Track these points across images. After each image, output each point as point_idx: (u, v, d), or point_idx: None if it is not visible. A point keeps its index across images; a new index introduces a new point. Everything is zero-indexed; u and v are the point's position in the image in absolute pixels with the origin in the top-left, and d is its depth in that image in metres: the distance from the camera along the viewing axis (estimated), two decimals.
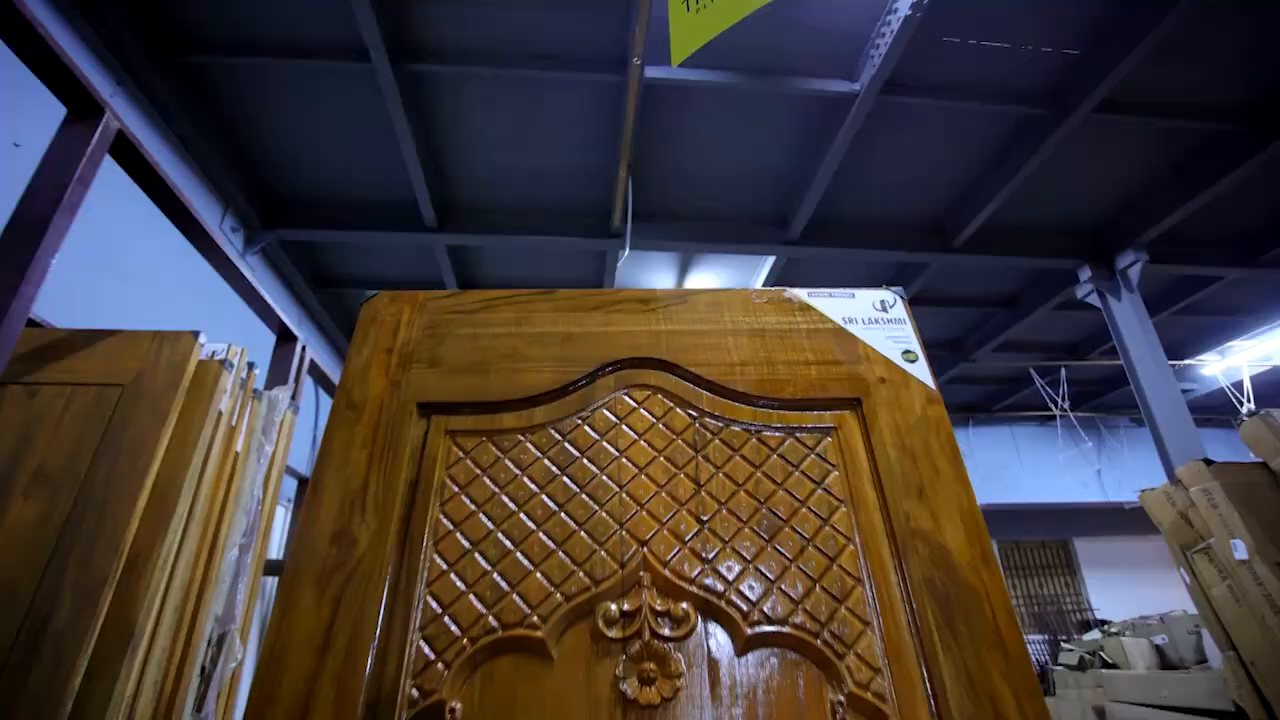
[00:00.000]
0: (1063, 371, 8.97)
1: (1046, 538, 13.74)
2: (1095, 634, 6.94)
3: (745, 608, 0.91)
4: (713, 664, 0.87)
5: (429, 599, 0.90)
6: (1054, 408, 9.32)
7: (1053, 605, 12.95)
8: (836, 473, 1.04)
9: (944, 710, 0.84)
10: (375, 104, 4.06)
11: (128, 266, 3.48)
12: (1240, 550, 3.46)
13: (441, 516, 0.97)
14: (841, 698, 0.85)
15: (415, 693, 0.84)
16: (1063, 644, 7.07)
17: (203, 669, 1.90)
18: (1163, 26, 3.66)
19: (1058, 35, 4.01)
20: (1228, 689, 3.65)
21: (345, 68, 3.85)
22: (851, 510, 1.00)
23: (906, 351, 1.19)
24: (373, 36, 3.48)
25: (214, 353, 2.04)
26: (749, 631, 0.89)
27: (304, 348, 2.66)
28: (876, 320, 1.23)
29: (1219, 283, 6.71)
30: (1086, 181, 5.27)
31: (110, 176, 1.78)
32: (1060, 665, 6.85)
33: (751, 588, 0.93)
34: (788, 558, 0.95)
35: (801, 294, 1.26)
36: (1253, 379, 9.58)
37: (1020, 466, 11.68)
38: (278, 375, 2.58)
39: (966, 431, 11.61)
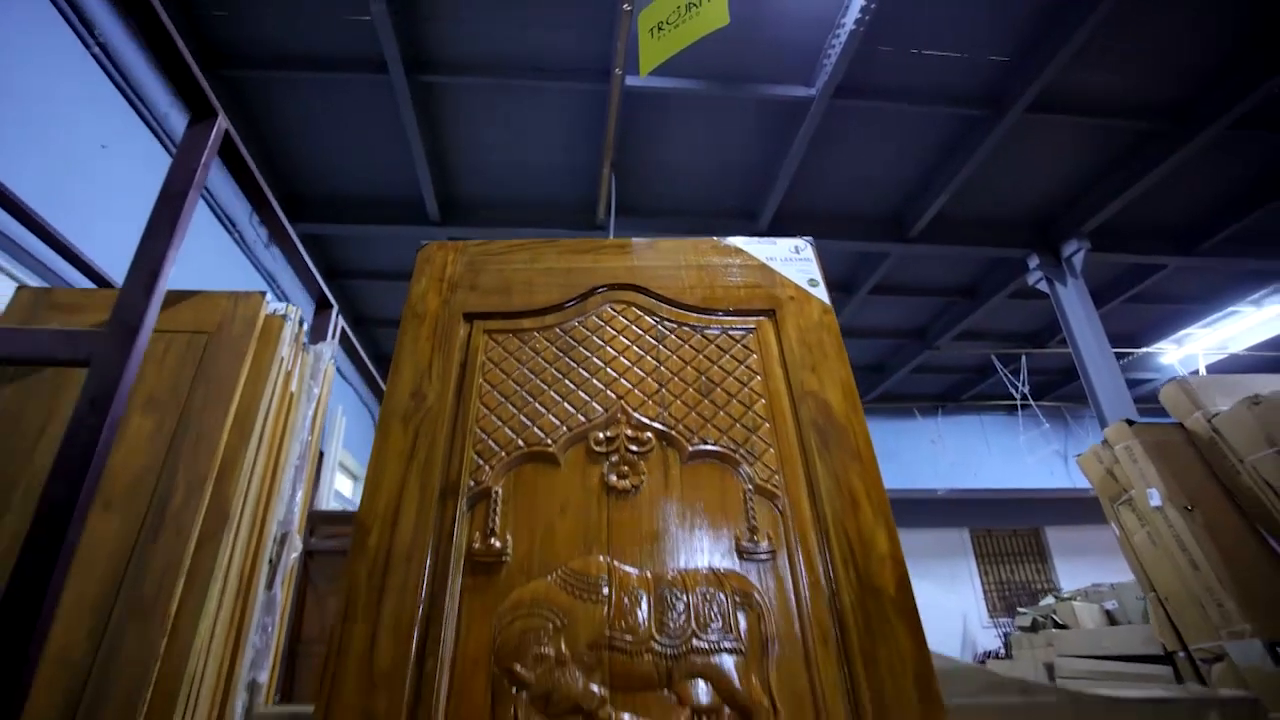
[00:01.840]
0: (1023, 359, 9.45)
1: (1019, 526, 14.21)
2: (1049, 600, 7.41)
3: (688, 435, 1.36)
4: (667, 467, 1.33)
5: (477, 430, 1.36)
6: (1014, 394, 9.79)
7: (1024, 590, 13.43)
8: (755, 356, 1.50)
9: (817, 495, 1.29)
10: (389, 111, 4.53)
11: (191, 243, 3.93)
12: (1155, 498, 3.89)
13: (482, 381, 1.43)
14: (750, 487, 1.30)
15: (472, 483, 1.29)
16: (1018, 610, 7.51)
17: (270, 560, 2.34)
18: (1080, 34, 4.16)
19: (992, 43, 4.51)
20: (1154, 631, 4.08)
21: (364, 79, 4.32)
22: (764, 379, 1.46)
23: (811, 279, 1.65)
24: (391, 51, 3.95)
25: (275, 310, 2.50)
26: (690, 449, 1.34)
27: (338, 313, 3.10)
28: (790, 259, 1.69)
29: (1163, 271, 7.20)
30: (1029, 176, 5.78)
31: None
32: (1016, 629, 7.28)
33: (692, 424, 1.38)
34: (718, 406, 1.41)
35: (736, 241, 1.72)
36: (1208, 367, 10.05)
37: (989, 453, 12.13)
38: (318, 335, 3.02)
39: (936, 420, 12.08)
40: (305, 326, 2.67)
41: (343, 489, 7.80)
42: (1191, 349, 9.65)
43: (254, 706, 2.19)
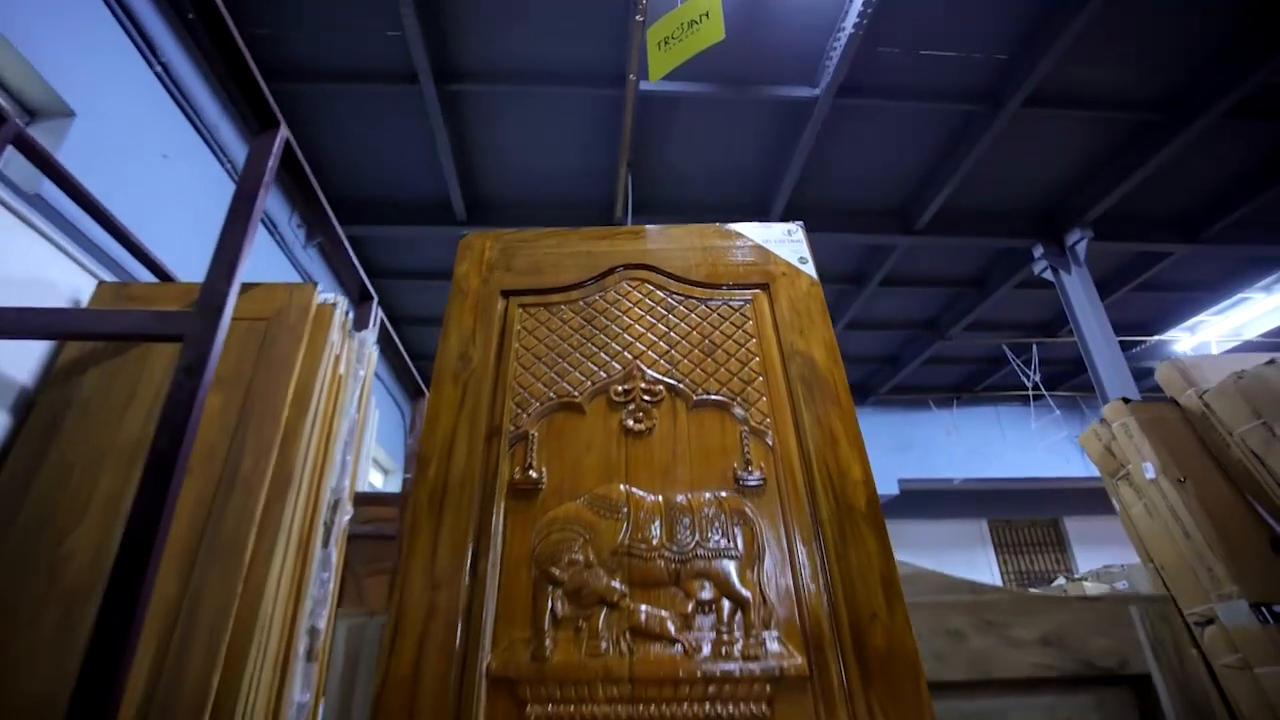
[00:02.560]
0: (1034, 348, 9.56)
1: (1037, 516, 14.28)
2: (1060, 580, 7.56)
3: (693, 387, 1.60)
4: (675, 413, 1.56)
5: (515, 385, 1.60)
6: (1026, 384, 9.89)
7: (1044, 580, 13.48)
8: (751, 322, 1.73)
9: (802, 434, 1.52)
10: (419, 119, 4.81)
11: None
12: (1150, 471, 4.06)
13: (518, 345, 1.67)
14: (746, 429, 1.53)
15: (512, 428, 1.53)
16: (1030, 590, 7.63)
17: (325, 523, 2.60)
18: (1070, 32, 4.34)
19: (986, 42, 4.70)
20: None
21: (396, 89, 4.61)
22: (759, 341, 1.69)
23: (801, 258, 1.87)
24: (422, 63, 4.23)
25: (325, 299, 2.76)
26: (695, 398, 1.58)
27: (377, 304, 3.37)
28: (783, 240, 1.92)
29: (1169, 259, 7.30)
30: (1029, 168, 5.95)
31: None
32: None
33: (696, 378, 1.62)
34: (719, 363, 1.64)
35: (736, 226, 1.96)
36: (1223, 354, 10.08)
37: (1004, 444, 12.22)
38: (360, 325, 3.28)
39: (951, 412, 12.19)
40: (350, 316, 2.93)
41: (374, 483, 8.08)
42: (1204, 336, 9.71)
43: (314, 650, 2.45)
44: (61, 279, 2.43)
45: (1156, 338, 9.62)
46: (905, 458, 11.96)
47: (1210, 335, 9.66)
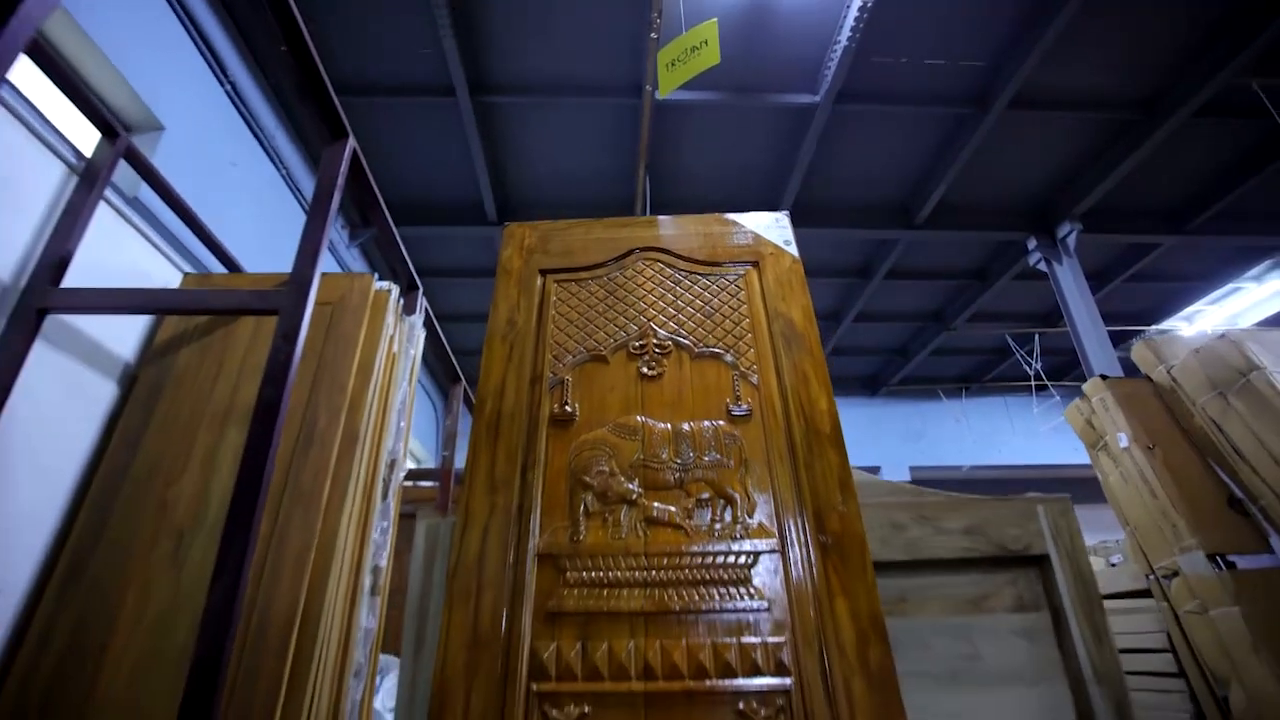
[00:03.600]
0: (1036, 338, 9.81)
1: None
2: None
3: (695, 342, 1.96)
4: (680, 362, 1.92)
5: (553, 342, 1.97)
6: (1030, 373, 10.12)
7: None
8: (743, 292, 2.09)
9: (781, 375, 1.87)
10: (454, 128, 5.21)
11: (289, 239, 4.71)
12: (1123, 440, 4.35)
13: (554, 312, 2.04)
14: (737, 373, 1.89)
15: (551, 375, 1.90)
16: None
17: (384, 479, 2.98)
18: (1047, 39, 4.65)
19: (971, 50, 5.02)
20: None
21: (434, 102, 5.00)
22: (749, 306, 2.05)
23: (785, 240, 2.23)
24: (459, 78, 4.62)
25: (380, 287, 3.14)
26: (696, 350, 1.94)
27: (422, 293, 3.75)
28: (771, 227, 2.27)
29: (1158, 250, 7.54)
30: (1019, 165, 6.25)
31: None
32: None
33: (698, 335, 1.98)
34: (716, 324, 2.00)
35: (733, 215, 2.32)
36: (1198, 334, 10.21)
37: (1012, 432, 12.43)
38: (408, 310, 3.67)
39: (961, 401, 12.42)
40: (400, 303, 3.31)
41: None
42: (1201, 325, 9.85)
43: (376, 585, 2.82)
44: (155, 270, 2.80)
45: (1154, 327, 9.79)
46: (916, 446, 12.21)
47: (1207, 324, 9.81)
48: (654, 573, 1.55)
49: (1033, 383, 10.63)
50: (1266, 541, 3.55)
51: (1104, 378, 4.62)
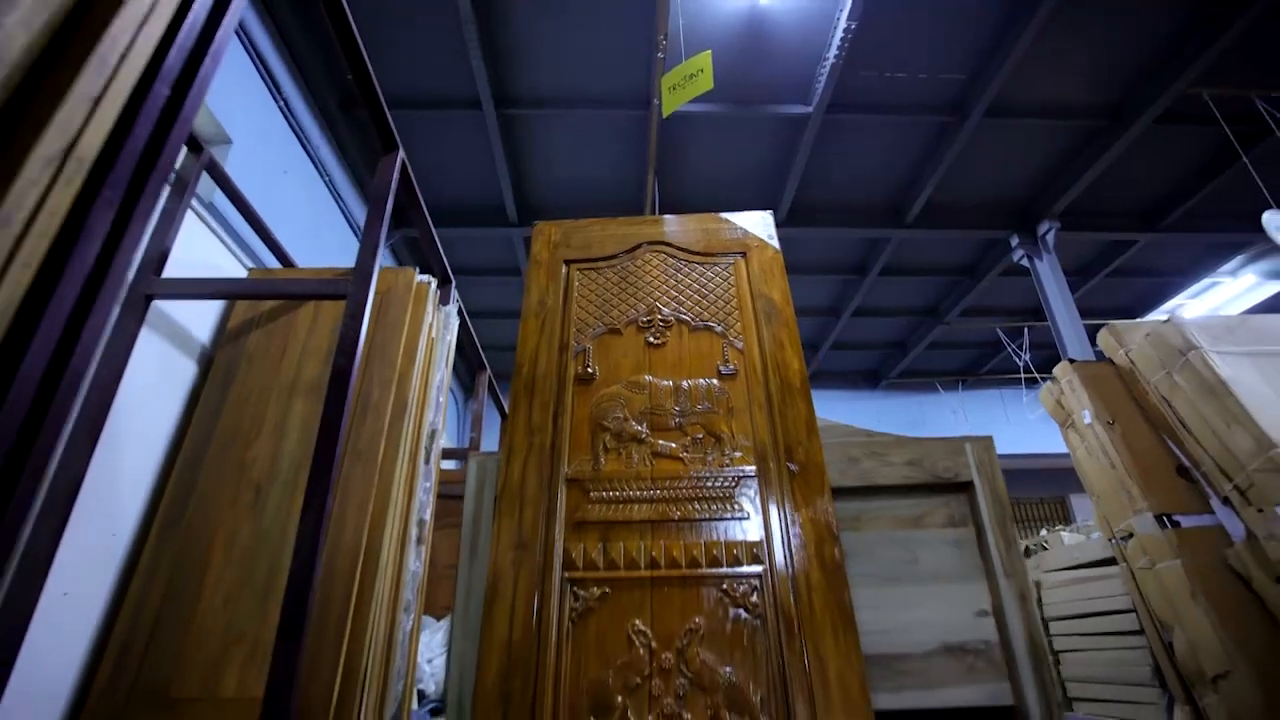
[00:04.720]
0: (1025, 332, 10.13)
1: (1044, 495, 14.73)
2: (1044, 532, 8.20)
3: (692, 318, 2.36)
4: (681, 334, 2.33)
5: (576, 319, 2.37)
6: (1019, 366, 10.45)
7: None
8: (733, 277, 2.49)
9: (762, 343, 2.26)
10: (480, 138, 5.63)
11: (330, 238, 5.12)
12: (1087, 417, 4.70)
13: (577, 294, 2.44)
14: (725, 341, 2.29)
15: (575, 344, 2.30)
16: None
17: (426, 446, 3.39)
18: (1015, 55, 5.02)
19: (949, 63, 5.39)
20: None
21: (461, 114, 5.41)
22: (737, 289, 2.45)
23: (769, 235, 2.63)
24: (485, 92, 5.03)
25: (421, 280, 3.55)
26: (693, 324, 2.33)
27: (455, 286, 4.17)
28: (757, 224, 2.67)
29: (1135, 247, 7.85)
30: (999, 168, 6.60)
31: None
32: None
33: (695, 312, 2.38)
34: (710, 303, 2.40)
35: (726, 214, 2.72)
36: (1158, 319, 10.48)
37: (1008, 424, 12.71)
38: (443, 301, 4.08)
39: (958, 394, 12.74)
40: (437, 294, 3.72)
41: None
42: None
43: (421, 535, 3.21)
44: (226, 265, 3.18)
45: (1137, 320, 10.06)
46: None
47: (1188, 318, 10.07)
48: (658, 492, 1.94)
49: (1022, 375, 10.94)
50: (1207, 503, 3.90)
51: (1071, 361, 4.98)
